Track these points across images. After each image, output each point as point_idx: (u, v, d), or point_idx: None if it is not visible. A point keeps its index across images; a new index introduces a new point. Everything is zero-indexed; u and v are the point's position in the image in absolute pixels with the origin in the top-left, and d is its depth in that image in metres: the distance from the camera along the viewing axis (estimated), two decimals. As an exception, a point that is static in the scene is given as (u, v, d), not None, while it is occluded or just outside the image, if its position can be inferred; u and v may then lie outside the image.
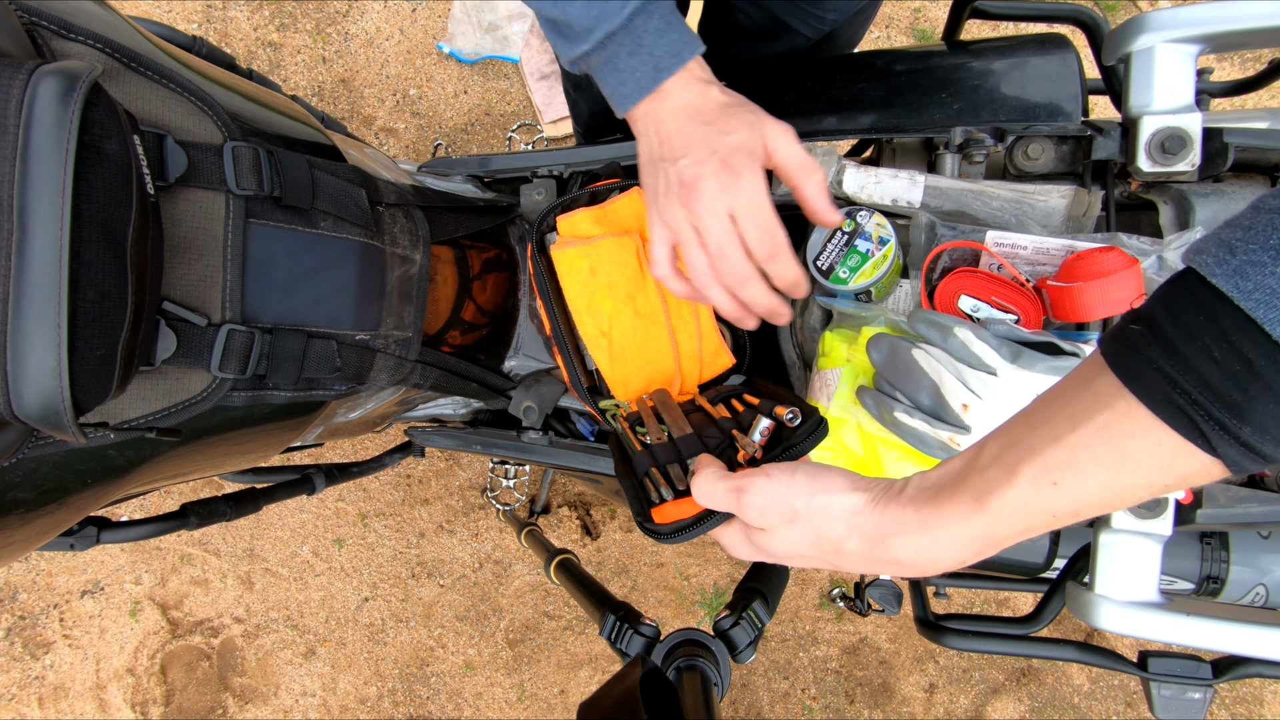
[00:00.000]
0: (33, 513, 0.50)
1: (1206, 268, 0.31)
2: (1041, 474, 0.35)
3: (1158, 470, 0.33)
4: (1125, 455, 0.33)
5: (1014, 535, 0.37)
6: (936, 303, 0.66)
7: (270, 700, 1.70)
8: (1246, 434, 0.30)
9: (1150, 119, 0.65)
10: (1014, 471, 0.36)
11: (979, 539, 0.38)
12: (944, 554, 0.39)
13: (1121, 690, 1.65)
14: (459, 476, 1.71)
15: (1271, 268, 0.29)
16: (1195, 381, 0.31)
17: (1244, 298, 0.30)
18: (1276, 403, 0.30)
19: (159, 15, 1.68)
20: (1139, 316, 0.33)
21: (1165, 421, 0.32)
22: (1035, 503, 0.36)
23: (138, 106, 0.51)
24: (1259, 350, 0.29)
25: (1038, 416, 0.36)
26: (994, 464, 0.37)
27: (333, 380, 0.63)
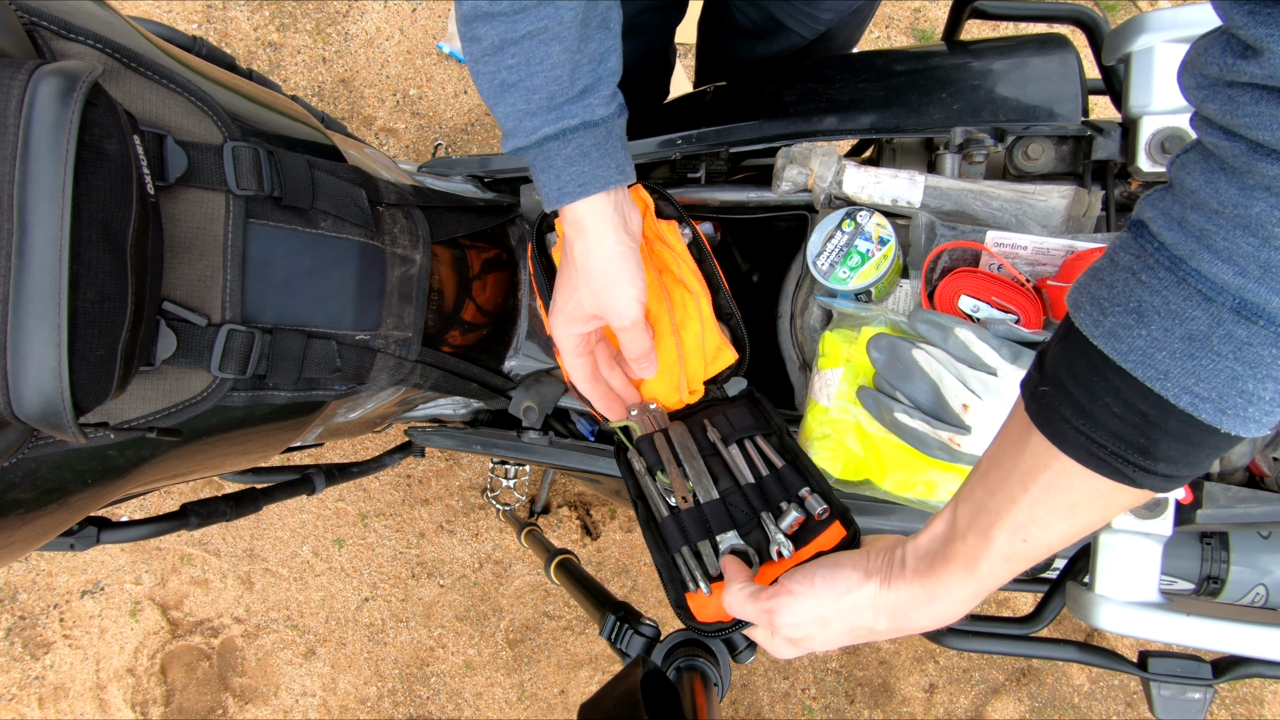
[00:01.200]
0: (33, 513, 0.50)
1: (1087, 329, 0.35)
2: (1012, 535, 0.41)
3: (1102, 508, 0.38)
4: (1074, 505, 0.38)
5: (1002, 582, 0.44)
6: (936, 303, 0.66)
7: (270, 700, 1.70)
8: (1161, 469, 0.35)
9: (1150, 119, 0.65)
10: (988, 537, 0.42)
11: (976, 595, 0.45)
12: (953, 612, 0.46)
13: (1121, 690, 1.65)
14: (459, 476, 1.71)
15: (1137, 329, 0.33)
16: (1107, 436, 0.35)
17: (1121, 359, 0.34)
18: (1175, 440, 0.34)
19: (159, 15, 1.68)
20: (1045, 376, 0.38)
21: (1094, 471, 0.36)
22: (1014, 558, 0.42)
23: (138, 106, 0.51)
24: (1148, 402, 0.34)
25: (992, 480, 0.42)
26: (970, 531, 0.43)
27: (333, 380, 0.63)
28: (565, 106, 0.52)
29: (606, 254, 0.57)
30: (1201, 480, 0.66)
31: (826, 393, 0.65)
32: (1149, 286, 0.34)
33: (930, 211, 0.69)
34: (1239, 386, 0.32)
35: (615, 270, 0.58)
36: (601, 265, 0.57)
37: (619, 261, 0.58)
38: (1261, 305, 0.31)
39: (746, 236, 0.97)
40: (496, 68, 0.51)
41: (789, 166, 0.72)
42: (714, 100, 0.90)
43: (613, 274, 0.58)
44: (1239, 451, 0.67)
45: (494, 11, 0.49)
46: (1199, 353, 0.33)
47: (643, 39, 0.98)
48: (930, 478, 0.63)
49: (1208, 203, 0.32)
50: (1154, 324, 0.33)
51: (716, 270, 0.75)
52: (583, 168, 0.53)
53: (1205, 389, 0.33)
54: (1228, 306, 0.32)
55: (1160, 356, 0.33)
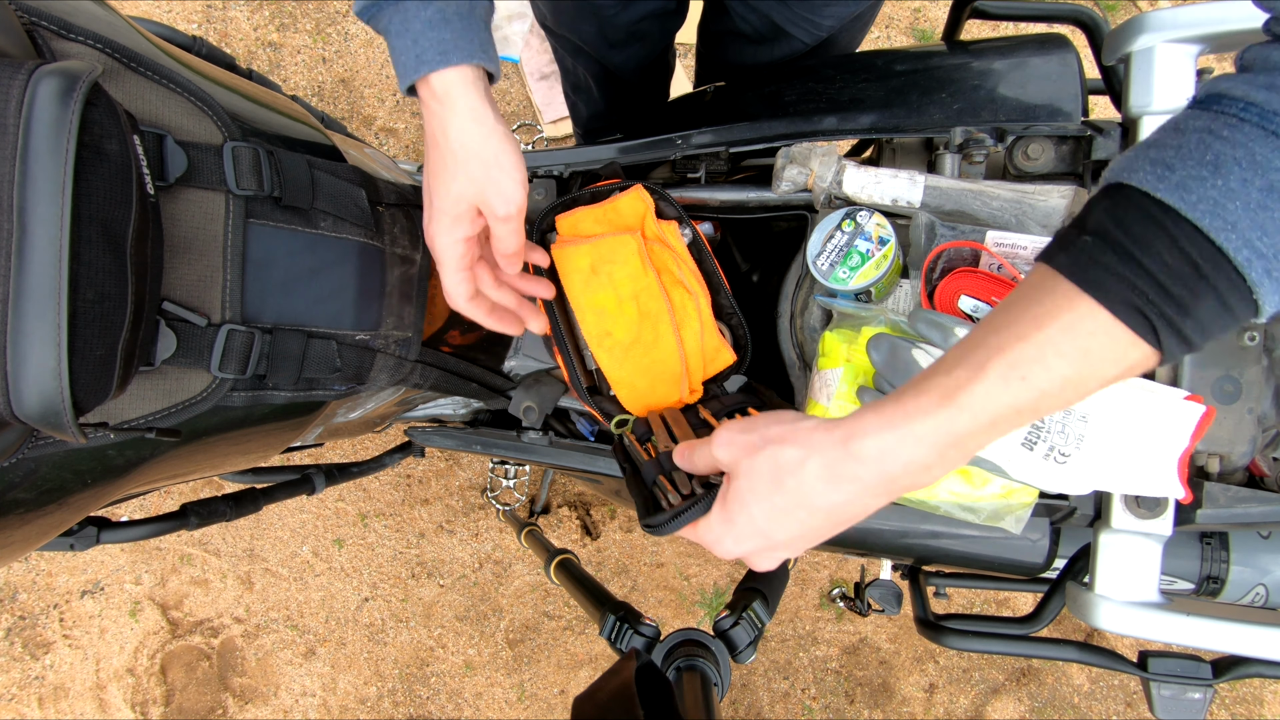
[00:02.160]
0: (33, 513, 0.50)
1: (1148, 184, 0.35)
2: (1010, 369, 0.37)
3: (1110, 362, 0.37)
4: (1087, 351, 0.36)
5: (978, 432, 0.39)
6: (936, 303, 0.66)
7: (270, 700, 1.70)
8: (1188, 328, 0.35)
9: (1150, 119, 0.65)
10: (982, 368, 0.38)
11: (945, 436, 0.39)
12: (910, 454, 0.39)
13: (1121, 690, 1.65)
14: (459, 476, 1.71)
15: (1211, 180, 0.34)
16: (1151, 285, 0.35)
17: (1190, 209, 0.34)
18: (1215, 299, 0.35)
19: (159, 15, 1.68)
20: (1086, 229, 0.37)
21: (1123, 320, 0.35)
22: (1003, 397, 0.38)
23: (138, 106, 0.51)
24: (1204, 255, 0.34)
25: (998, 323, 0.39)
26: (960, 365, 0.39)
27: (333, 380, 0.63)
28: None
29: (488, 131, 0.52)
30: (1201, 480, 0.66)
31: (826, 393, 0.65)
32: (1229, 141, 0.34)
33: (930, 211, 0.69)
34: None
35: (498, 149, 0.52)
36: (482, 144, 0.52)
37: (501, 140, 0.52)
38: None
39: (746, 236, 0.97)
40: None
41: (789, 166, 0.72)
42: (714, 100, 0.90)
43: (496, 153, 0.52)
44: (1239, 451, 0.67)
45: None
46: (1274, 204, 0.33)
47: (643, 45, 0.98)
48: (930, 478, 0.63)
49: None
50: (1232, 175, 0.33)
51: (717, 270, 0.75)
52: (444, 34, 0.49)
53: (1265, 244, 0.33)
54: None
55: (1232, 207, 0.33)
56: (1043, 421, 0.57)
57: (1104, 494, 0.68)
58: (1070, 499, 0.69)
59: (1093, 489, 0.59)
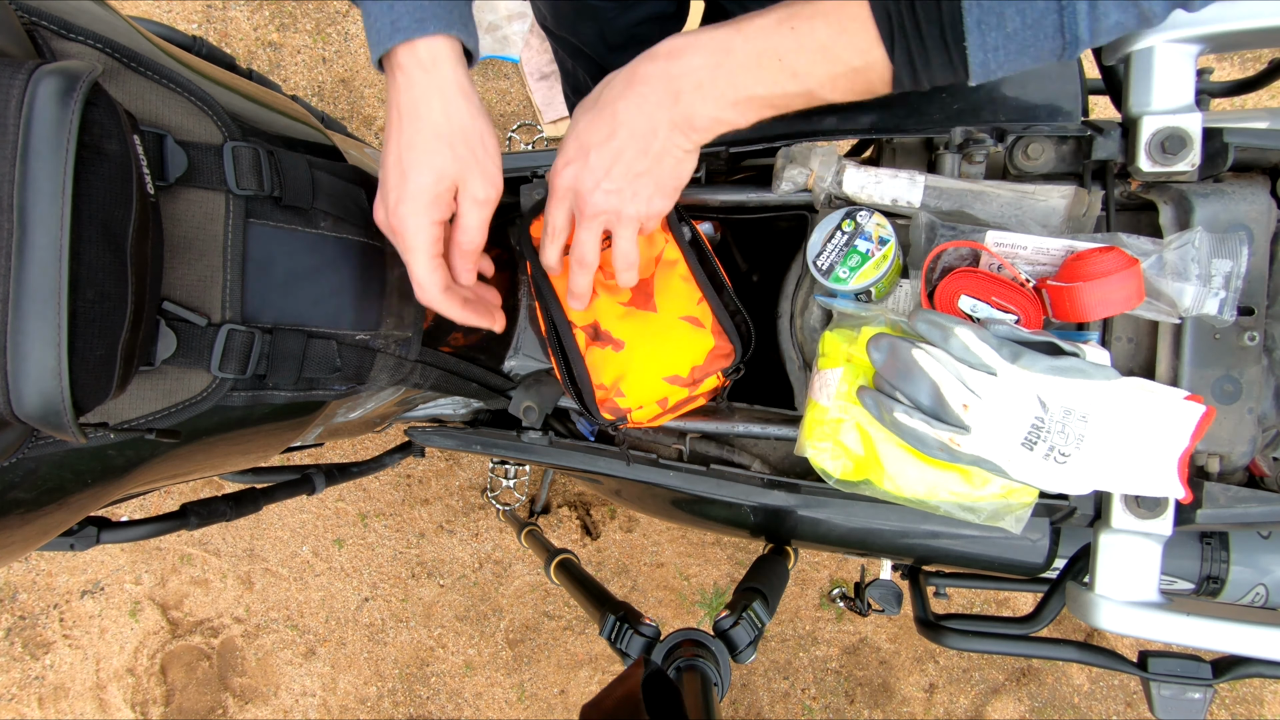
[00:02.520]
0: (33, 513, 0.50)
1: None
2: (784, 19, 0.45)
3: (855, 51, 0.44)
4: (843, 29, 0.44)
5: (748, 62, 0.46)
6: (936, 303, 0.66)
7: (270, 700, 1.70)
8: (914, 50, 0.42)
9: (1150, 119, 0.65)
10: (770, 12, 0.46)
11: (721, 48, 0.46)
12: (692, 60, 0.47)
13: (1121, 690, 1.65)
14: (459, 476, 1.71)
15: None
16: (905, 10, 0.41)
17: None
18: (939, 31, 0.41)
19: (159, 15, 1.68)
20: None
21: (875, 20, 0.43)
22: (773, 36, 0.45)
23: (138, 106, 0.51)
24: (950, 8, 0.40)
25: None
26: (755, 14, 0.46)
27: (333, 380, 0.63)
28: None
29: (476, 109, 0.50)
30: (1201, 480, 0.66)
31: (826, 393, 0.65)
32: None
33: (930, 211, 0.69)
34: (1003, 8, 0.40)
35: (484, 129, 0.51)
36: (470, 121, 0.50)
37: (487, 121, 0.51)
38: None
39: (746, 236, 0.97)
40: None
41: (789, 166, 0.72)
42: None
43: (482, 132, 0.51)
44: (1239, 451, 0.67)
45: None
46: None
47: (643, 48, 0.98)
48: (930, 477, 0.63)
49: None
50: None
51: (718, 269, 0.75)
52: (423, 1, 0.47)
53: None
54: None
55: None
56: (1043, 422, 0.57)
57: (1104, 494, 0.68)
58: (1070, 499, 0.69)
59: (1093, 489, 0.59)
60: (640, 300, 0.72)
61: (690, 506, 0.85)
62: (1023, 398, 0.57)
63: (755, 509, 0.80)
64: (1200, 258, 0.63)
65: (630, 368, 0.72)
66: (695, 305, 0.72)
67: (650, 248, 0.72)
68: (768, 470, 0.80)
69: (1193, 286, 0.62)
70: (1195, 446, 0.60)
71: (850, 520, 0.78)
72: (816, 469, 0.66)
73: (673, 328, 0.71)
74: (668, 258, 0.73)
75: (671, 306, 0.72)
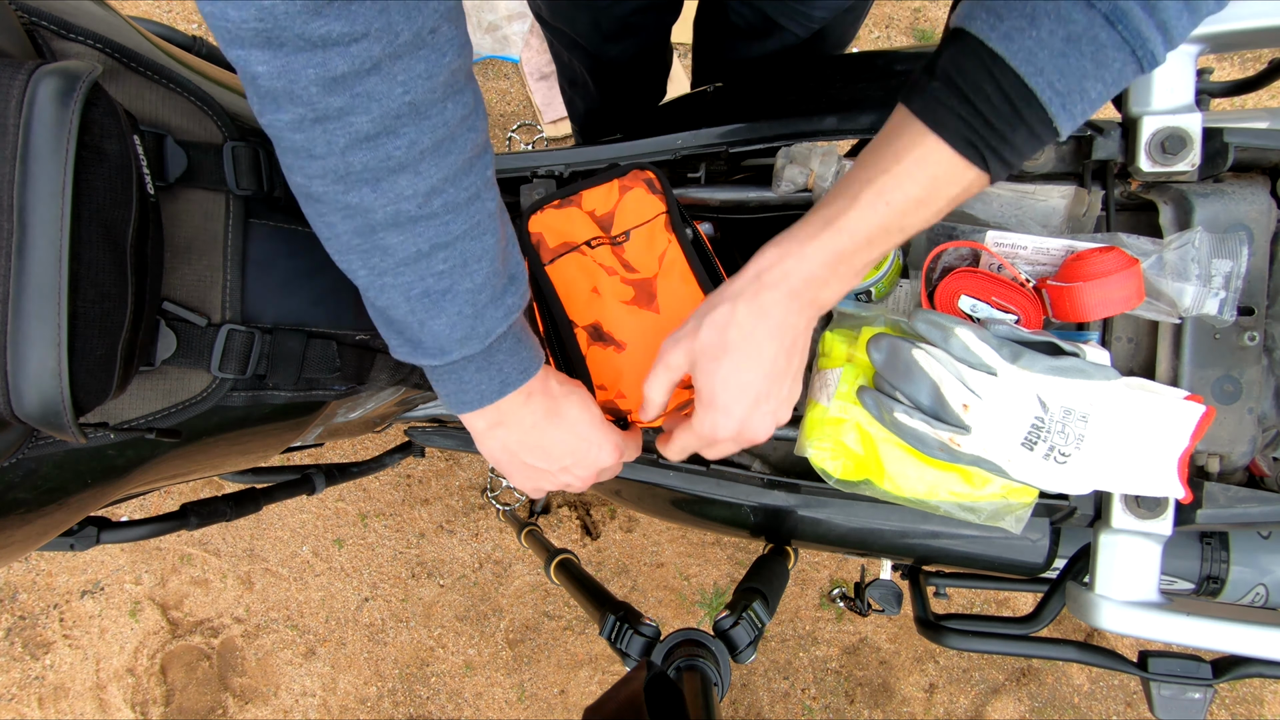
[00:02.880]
0: (33, 513, 0.50)
1: (983, 33, 0.42)
2: (877, 197, 0.46)
3: (952, 184, 0.46)
4: (935, 177, 0.45)
5: (858, 249, 0.48)
6: (936, 303, 0.66)
7: (270, 700, 1.70)
8: (1007, 153, 0.44)
9: (1150, 119, 0.65)
10: (856, 198, 0.47)
11: (831, 254, 0.48)
12: (807, 270, 0.49)
13: (1121, 690, 1.65)
14: (459, 476, 1.71)
15: (1029, 31, 0.41)
16: (981, 123, 0.43)
17: (1011, 56, 0.42)
18: (1026, 130, 0.43)
19: (159, 15, 1.68)
20: (933, 73, 0.45)
21: (960, 152, 0.44)
22: (872, 219, 0.47)
23: (138, 106, 0.51)
24: (1020, 95, 0.42)
25: (868, 160, 0.47)
26: (839, 198, 0.48)
27: (333, 380, 0.63)
28: (505, 298, 0.48)
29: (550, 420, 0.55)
30: (1201, 480, 0.66)
31: (826, 392, 0.65)
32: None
33: (930, 211, 0.69)
34: (1083, 85, 0.42)
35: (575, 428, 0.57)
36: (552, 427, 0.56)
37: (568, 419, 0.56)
38: (1125, 11, 0.40)
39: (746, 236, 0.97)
40: (420, 275, 0.45)
41: (789, 166, 0.72)
42: (714, 100, 0.90)
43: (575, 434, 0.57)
44: (1239, 451, 0.67)
45: (422, 215, 0.43)
46: (1070, 51, 0.41)
47: (638, 38, 0.98)
48: (930, 477, 0.63)
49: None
50: (1043, 27, 0.41)
51: (719, 269, 0.75)
52: (521, 355, 0.51)
53: (1063, 83, 0.42)
54: (1101, 12, 0.40)
55: (1042, 56, 0.41)
56: (1043, 422, 0.57)
57: (1104, 494, 0.68)
58: (1070, 499, 0.69)
59: (1093, 489, 0.59)
60: (643, 300, 0.71)
61: (690, 506, 0.85)
62: (1023, 398, 0.57)
63: (755, 509, 0.80)
64: (1200, 258, 0.63)
65: (632, 370, 0.72)
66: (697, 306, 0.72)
67: (653, 248, 0.72)
68: (768, 470, 0.80)
69: (1193, 286, 0.62)
70: (1195, 446, 0.60)
71: (850, 520, 0.78)
72: (816, 469, 0.66)
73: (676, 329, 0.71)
74: (670, 258, 0.73)
75: (674, 308, 0.72)
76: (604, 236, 0.72)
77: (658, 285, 0.72)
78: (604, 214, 0.72)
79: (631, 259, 0.71)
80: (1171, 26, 0.41)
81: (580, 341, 0.73)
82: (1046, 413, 0.57)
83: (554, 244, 0.73)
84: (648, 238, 0.72)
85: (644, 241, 0.71)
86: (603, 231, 0.72)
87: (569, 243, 0.72)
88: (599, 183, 0.72)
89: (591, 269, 0.71)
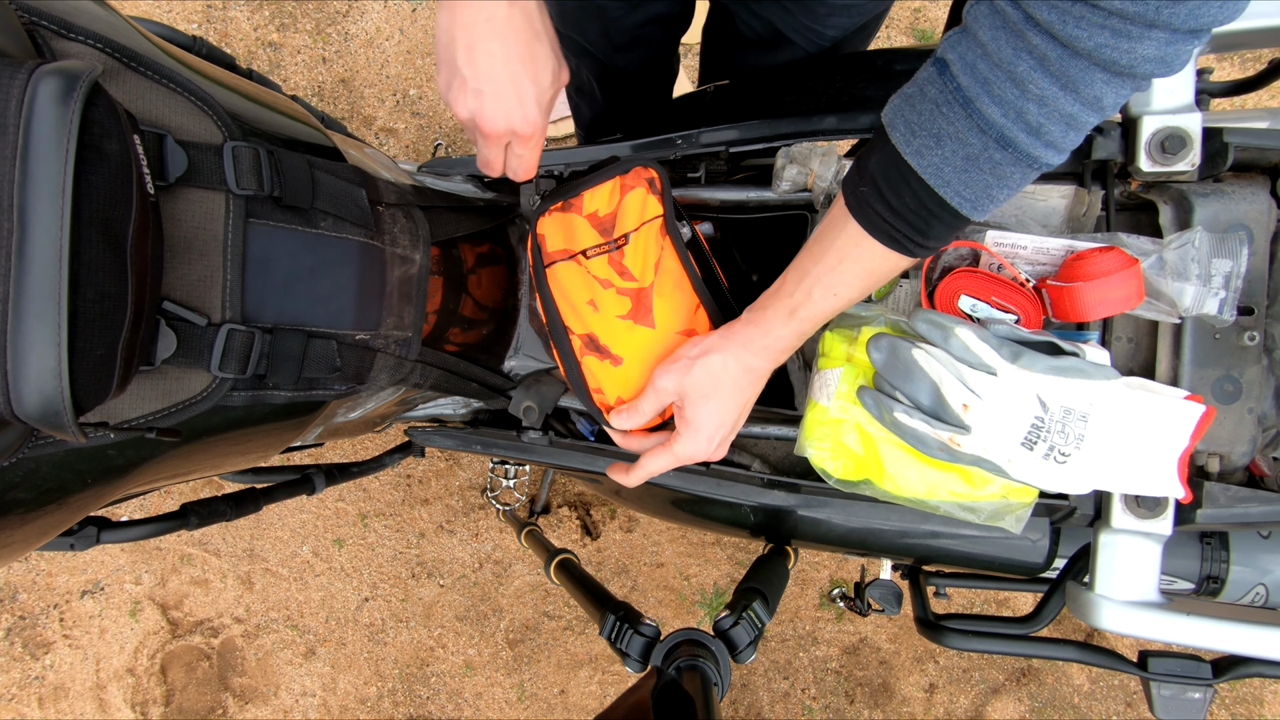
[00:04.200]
0: (33, 513, 0.50)
1: (900, 146, 0.50)
2: (826, 290, 0.57)
3: (886, 271, 0.56)
4: (870, 270, 0.56)
5: (815, 325, 0.60)
6: (936, 303, 0.66)
7: (270, 700, 1.70)
8: (928, 242, 0.53)
9: (1150, 119, 0.65)
10: (810, 294, 0.58)
11: (796, 333, 0.60)
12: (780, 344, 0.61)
13: (1121, 690, 1.65)
14: (459, 476, 1.71)
15: (936, 150, 0.48)
16: (903, 224, 0.52)
17: (922, 171, 0.49)
18: (942, 225, 0.51)
19: (159, 15, 1.69)
20: (863, 178, 0.53)
21: (890, 248, 0.53)
22: (824, 306, 0.58)
23: (138, 106, 0.51)
24: (933, 202, 0.50)
25: (814, 254, 0.58)
26: (796, 291, 0.59)
27: (333, 380, 0.63)
28: None
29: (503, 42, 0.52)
30: (1201, 480, 0.66)
31: (826, 393, 0.65)
32: (946, 118, 0.48)
33: (930, 211, 0.69)
34: (989, 192, 0.49)
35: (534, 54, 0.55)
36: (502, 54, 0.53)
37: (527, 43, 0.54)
38: (1012, 139, 0.46)
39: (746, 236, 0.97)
40: None
41: (789, 166, 0.72)
42: (714, 100, 0.90)
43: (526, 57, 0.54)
44: (1239, 451, 0.67)
45: None
46: (971, 168, 0.48)
47: (647, 50, 0.98)
48: (930, 477, 0.63)
49: (992, 55, 0.45)
50: (946, 146, 0.48)
51: (716, 270, 0.75)
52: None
53: (969, 193, 0.49)
54: (992, 137, 0.46)
55: (947, 171, 0.48)
56: (1043, 422, 0.57)
57: (1104, 494, 0.68)
58: (1070, 499, 0.69)
59: (1093, 489, 0.59)
60: (639, 313, 0.71)
61: (690, 506, 0.85)
62: (1023, 398, 0.57)
63: (755, 509, 0.80)
64: (1200, 258, 0.63)
65: (629, 385, 0.72)
66: (693, 314, 0.72)
67: (649, 254, 0.72)
68: (768, 470, 0.80)
69: (1193, 286, 0.62)
70: (1195, 446, 0.60)
71: (850, 520, 0.78)
72: (816, 469, 0.66)
73: (671, 344, 0.71)
74: (665, 265, 0.72)
75: (669, 320, 0.71)
76: (603, 244, 0.72)
77: (653, 296, 0.71)
78: (605, 215, 0.72)
79: (630, 264, 0.71)
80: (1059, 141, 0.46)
81: (575, 348, 0.73)
82: (1046, 412, 0.57)
83: (552, 249, 0.73)
84: (645, 242, 0.72)
85: (641, 246, 0.71)
86: (603, 236, 0.72)
87: (567, 250, 0.72)
88: (601, 180, 0.71)
89: (588, 282, 0.71)
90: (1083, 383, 0.57)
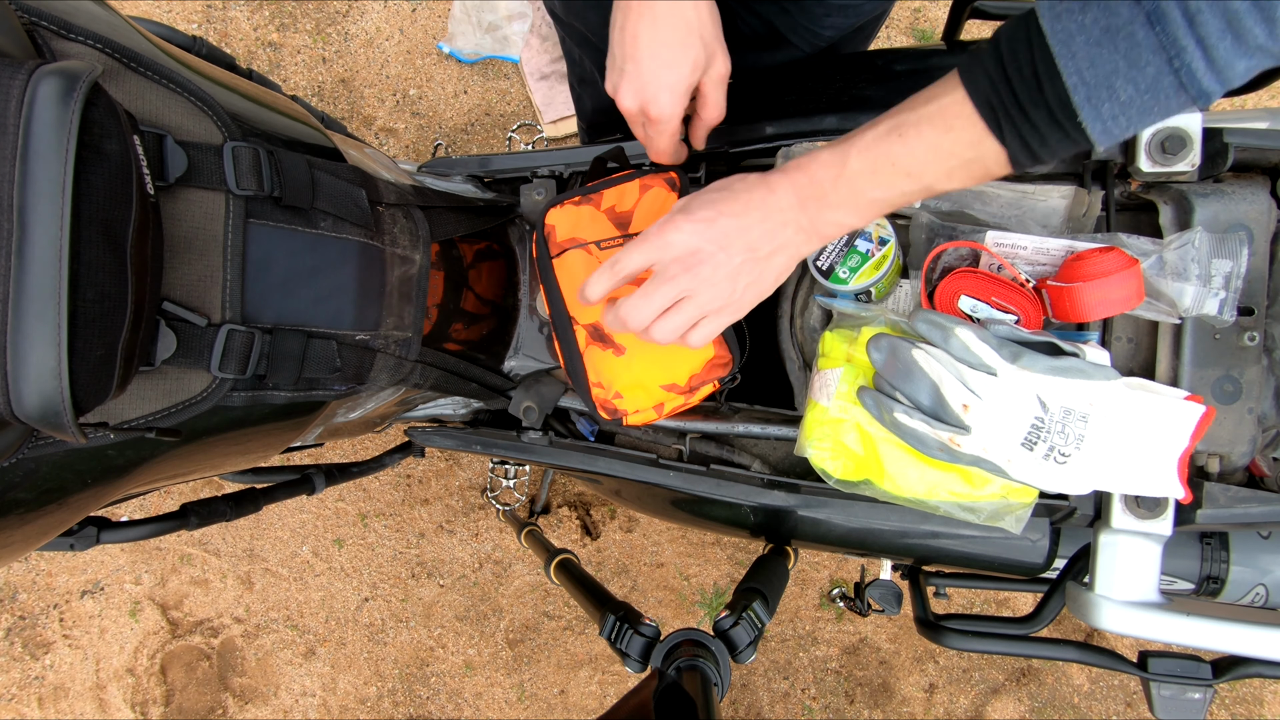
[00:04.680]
0: (33, 513, 0.50)
1: (1042, 10, 0.43)
2: (894, 127, 0.48)
3: (967, 145, 0.47)
4: (950, 127, 0.47)
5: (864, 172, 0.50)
6: (936, 303, 0.66)
7: (270, 700, 1.70)
8: (1026, 132, 0.44)
9: (1150, 119, 0.65)
10: (876, 124, 0.49)
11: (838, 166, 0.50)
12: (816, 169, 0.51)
13: (1121, 690, 1.65)
14: (459, 476, 1.71)
15: (1077, 16, 0.41)
16: (1005, 88, 0.44)
17: (1051, 35, 0.42)
18: (1047, 113, 0.43)
19: (159, 15, 1.68)
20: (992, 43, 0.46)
21: (980, 112, 0.45)
22: (883, 145, 0.49)
23: (138, 106, 0.51)
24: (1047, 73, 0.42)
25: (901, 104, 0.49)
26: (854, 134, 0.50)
27: (333, 380, 0.63)
28: None
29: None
30: (1201, 480, 0.66)
31: (826, 393, 0.65)
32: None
33: (930, 211, 0.69)
34: (1110, 82, 0.41)
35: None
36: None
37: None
38: (1165, 13, 0.39)
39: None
40: None
41: (789, 166, 0.71)
42: (714, 100, 0.90)
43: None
44: (1239, 451, 0.67)
45: None
46: (1106, 42, 0.41)
47: None
48: (930, 477, 0.63)
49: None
50: (1089, 13, 0.41)
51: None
52: None
53: (1090, 74, 0.41)
54: (1143, 9, 0.40)
55: (1079, 40, 0.41)
56: (1043, 422, 0.57)
57: (1104, 494, 0.68)
58: (1070, 499, 0.69)
59: (1093, 489, 0.59)
60: None
61: (690, 506, 0.85)
62: (1023, 398, 0.57)
63: (755, 509, 0.80)
64: (1200, 258, 0.63)
65: (630, 375, 0.72)
66: None
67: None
68: (768, 470, 0.80)
69: (1193, 286, 0.62)
70: (1195, 446, 0.60)
71: (850, 520, 0.78)
72: (816, 469, 0.66)
73: None
74: None
75: None
76: (618, 236, 0.72)
77: None
78: (624, 211, 0.73)
79: None
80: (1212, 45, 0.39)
81: (579, 338, 0.73)
82: (1046, 413, 0.57)
83: (562, 238, 0.73)
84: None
85: None
86: (618, 229, 0.72)
87: (576, 239, 0.72)
88: (622, 181, 0.73)
89: None
90: (1083, 383, 0.57)
